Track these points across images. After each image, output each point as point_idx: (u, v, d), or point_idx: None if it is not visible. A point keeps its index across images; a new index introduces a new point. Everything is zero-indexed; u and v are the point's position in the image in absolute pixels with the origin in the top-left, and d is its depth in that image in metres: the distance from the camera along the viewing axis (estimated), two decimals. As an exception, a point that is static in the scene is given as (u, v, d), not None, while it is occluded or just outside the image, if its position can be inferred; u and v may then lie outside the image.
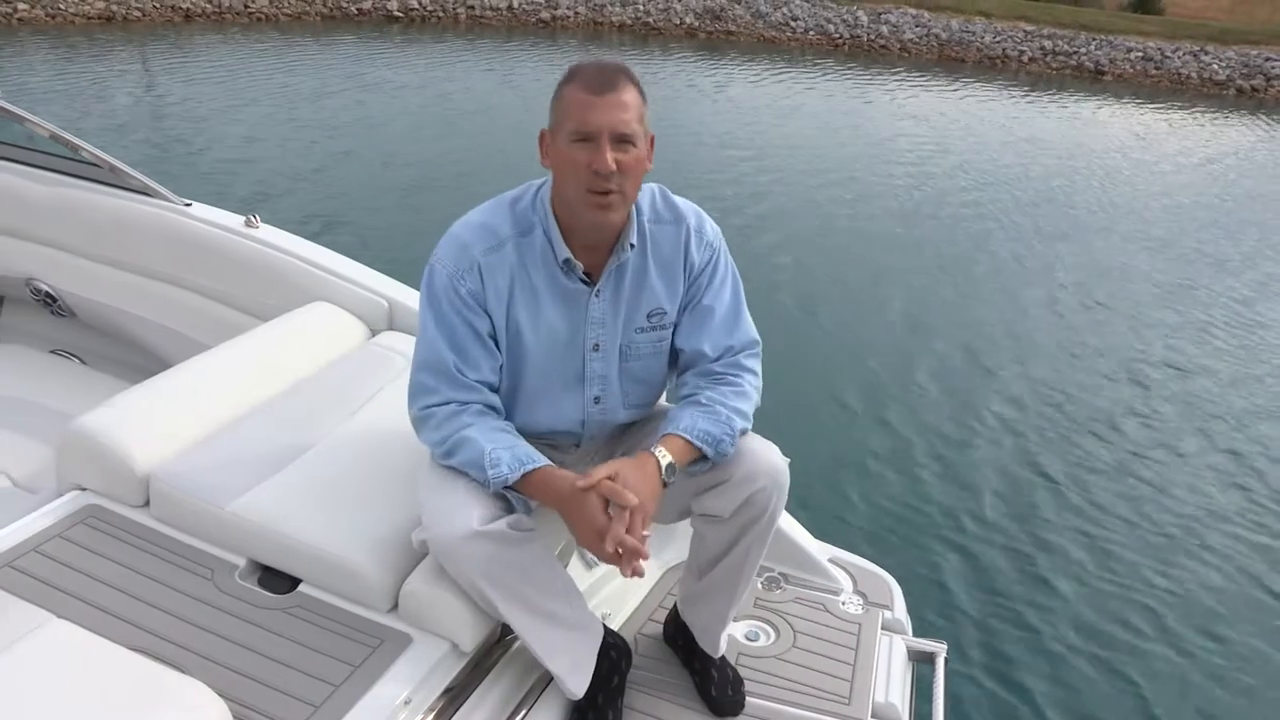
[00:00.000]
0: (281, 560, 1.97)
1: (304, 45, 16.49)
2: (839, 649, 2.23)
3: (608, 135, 1.66)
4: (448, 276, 1.78)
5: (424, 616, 1.86)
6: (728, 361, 1.90)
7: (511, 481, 1.72)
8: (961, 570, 4.14)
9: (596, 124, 1.66)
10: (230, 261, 3.01)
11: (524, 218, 1.82)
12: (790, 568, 2.48)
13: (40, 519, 2.05)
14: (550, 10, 21.76)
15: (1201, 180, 12.74)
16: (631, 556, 1.65)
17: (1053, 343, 6.78)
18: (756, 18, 22.86)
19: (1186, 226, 10.32)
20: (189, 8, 18.09)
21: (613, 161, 1.66)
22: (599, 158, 1.65)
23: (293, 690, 1.71)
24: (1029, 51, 22.19)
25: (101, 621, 1.79)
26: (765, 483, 1.81)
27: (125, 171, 3.09)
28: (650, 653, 2.15)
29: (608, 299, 1.86)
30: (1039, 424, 5.53)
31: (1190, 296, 8.08)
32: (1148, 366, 6.52)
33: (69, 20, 16.66)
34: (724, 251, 1.93)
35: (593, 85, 1.67)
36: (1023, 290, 7.86)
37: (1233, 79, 21.14)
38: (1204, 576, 4.29)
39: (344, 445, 2.21)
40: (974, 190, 10.85)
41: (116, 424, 2.14)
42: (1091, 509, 4.72)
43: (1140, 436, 5.52)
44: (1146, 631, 3.89)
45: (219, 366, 2.45)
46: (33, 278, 3.29)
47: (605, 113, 1.66)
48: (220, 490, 2.02)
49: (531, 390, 1.90)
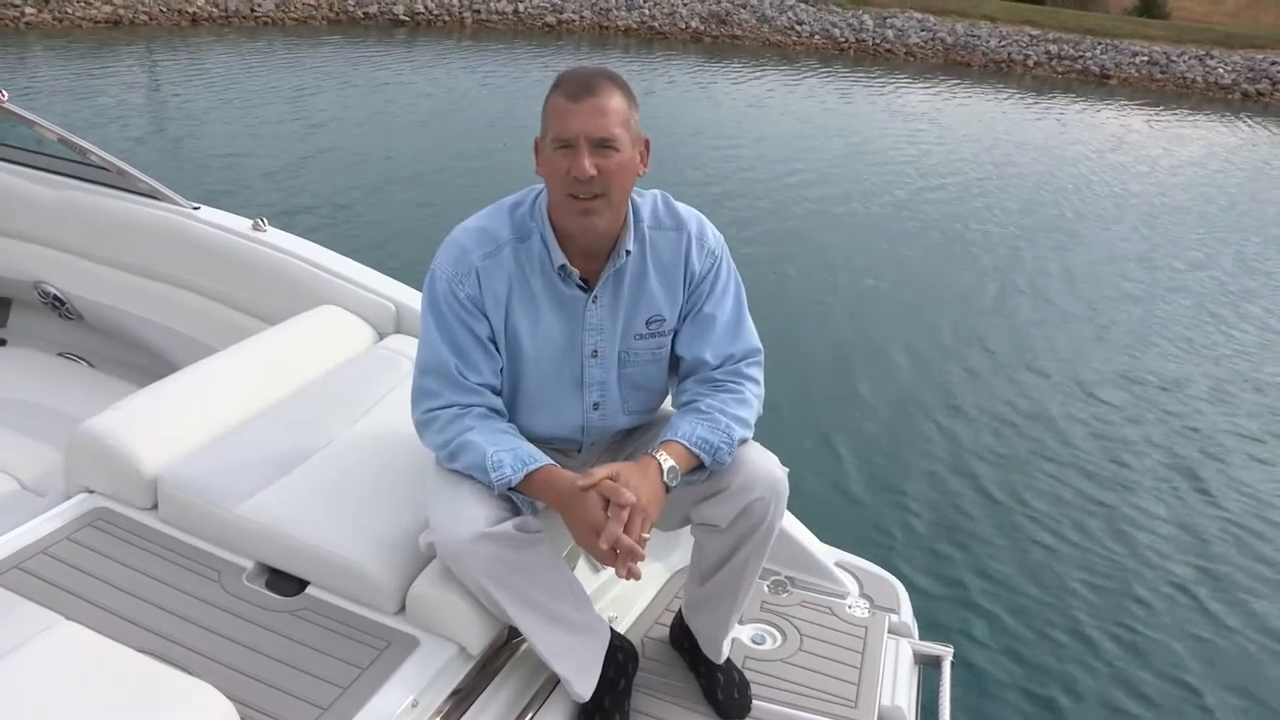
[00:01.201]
0: (289, 563, 1.97)
1: (310, 50, 16.53)
2: (845, 652, 2.23)
3: (585, 141, 1.67)
4: (447, 281, 1.80)
5: (431, 619, 1.86)
6: (729, 369, 1.89)
7: (515, 483, 1.73)
8: (968, 574, 4.13)
9: (574, 130, 1.67)
10: (238, 265, 3.02)
11: (522, 223, 1.83)
12: (796, 571, 2.47)
13: (48, 521, 2.06)
14: (556, 15, 21.80)
15: (1208, 181, 12.73)
16: (627, 556, 1.65)
17: (1060, 347, 6.77)
18: (762, 22, 22.88)
19: (1199, 227, 10.31)
20: (195, 12, 18.14)
21: (591, 167, 1.67)
22: (576, 163, 1.67)
23: (300, 692, 1.72)
24: (1034, 56, 22.19)
25: (109, 623, 1.80)
26: (763, 492, 1.81)
27: (133, 175, 3.10)
28: (656, 656, 2.15)
29: (606, 305, 1.86)
30: (1047, 428, 5.52)
31: (1200, 296, 8.07)
32: (1158, 370, 6.50)
33: (76, 24, 16.71)
34: (726, 259, 1.93)
35: (571, 92, 1.69)
36: (1028, 293, 7.85)
37: (1238, 83, 21.12)
38: (1215, 583, 4.28)
39: (351, 448, 2.22)
40: (980, 196, 10.84)
41: (125, 427, 2.15)
42: (1099, 512, 4.71)
43: (1151, 440, 5.50)
44: (1155, 636, 3.88)
45: (227, 370, 2.46)
46: (41, 281, 3.30)
47: (583, 119, 1.67)
48: (228, 493, 2.03)
49: (531, 395, 1.91)
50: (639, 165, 1.77)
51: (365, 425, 2.31)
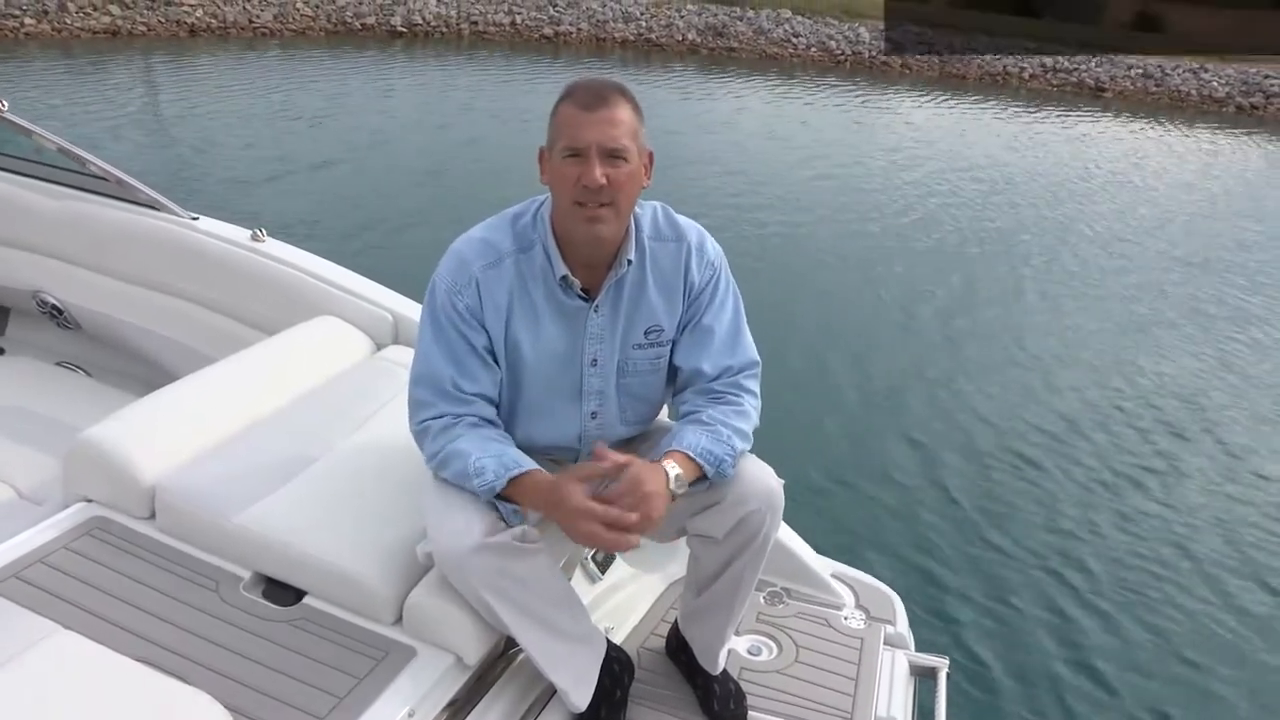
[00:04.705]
0: (286, 572, 1.98)
1: (308, 60, 16.56)
2: (841, 664, 2.23)
3: (597, 150, 1.68)
4: (446, 292, 1.81)
5: (428, 629, 1.87)
6: (727, 381, 1.90)
7: (500, 489, 1.73)
8: (964, 585, 4.14)
9: (586, 139, 1.68)
10: (236, 275, 3.03)
11: (525, 234, 1.84)
12: (793, 582, 2.48)
13: (46, 530, 2.07)
14: (553, 26, 21.84)
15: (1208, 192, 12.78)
16: (619, 522, 1.63)
17: (1056, 360, 6.79)
18: (758, 34, 22.92)
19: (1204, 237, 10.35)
20: (194, 23, 18.15)
21: (602, 176, 1.68)
22: (588, 172, 1.68)
23: (297, 702, 1.72)
24: (1030, 68, 22.26)
25: (107, 632, 1.80)
26: (758, 505, 1.82)
27: (133, 185, 3.11)
28: (653, 666, 2.16)
29: (606, 314, 1.87)
30: (1042, 440, 5.53)
31: (1205, 306, 8.10)
32: (1161, 383, 6.52)
33: (74, 35, 16.72)
34: (725, 271, 1.94)
35: (584, 102, 1.70)
36: (1024, 305, 7.87)
37: (1232, 96, 21.20)
38: (1215, 595, 4.28)
39: (349, 458, 2.22)
40: (975, 206, 10.87)
41: (123, 436, 2.15)
42: (1096, 524, 4.72)
43: (1145, 453, 5.52)
44: (1154, 650, 3.89)
45: (225, 379, 2.47)
46: (40, 290, 3.31)
47: (595, 129, 1.69)
48: (226, 502, 2.03)
49: (530, 405, 1.91)
50: (644, 177, 1.79)
51: (362, 436, 2.32)
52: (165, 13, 17.94)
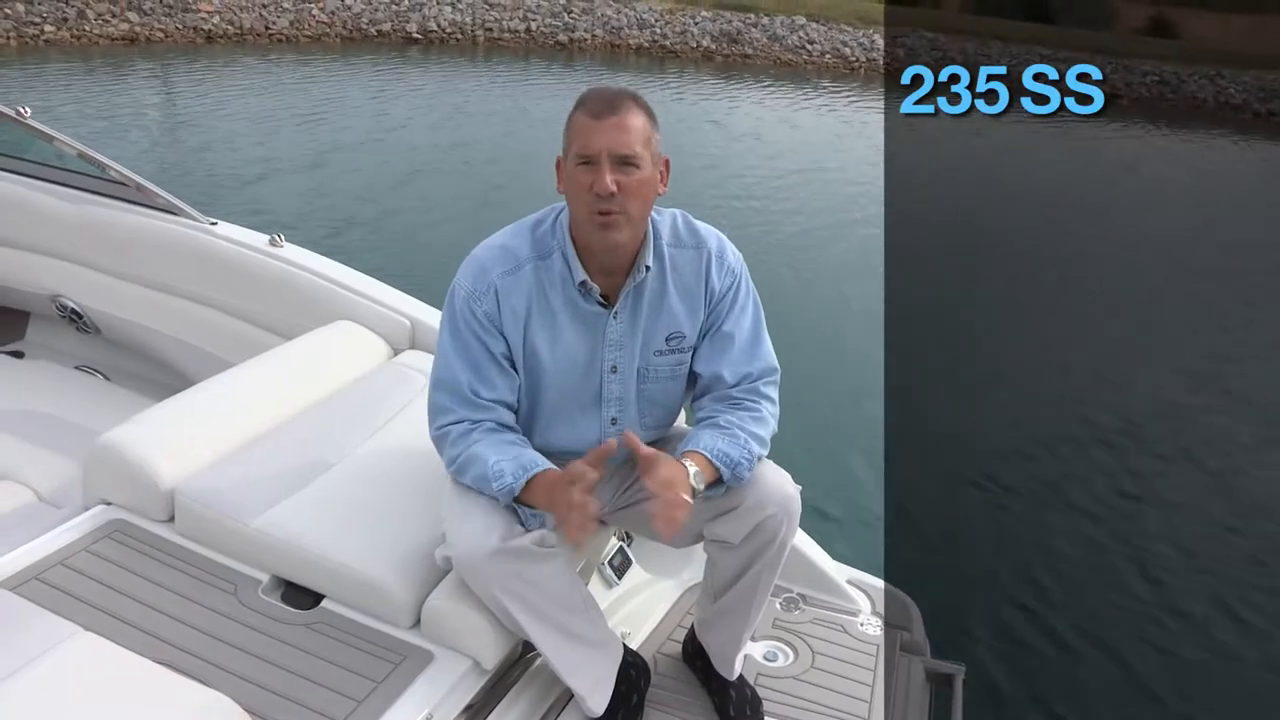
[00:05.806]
0: (305, 576, 1.98)
1: (324, 66, 16.66)
2: (858, 670, 2.22)
3: (607, 157, 1.69)
4: (465, 298, 1.81)
5: (446, 633, 1.87)
6: (746, 388, 1.90)
7: (518, 490, 1.73)
8: (981, 592, 4.12)
9: (597, 146, 1.70)
10: (254, 280, 3.04)
11: (543, 241, 1.84)
12: (809, 588, 2.47)
13: (66, 533, 2.08)
14: (568, 33, 21.89)
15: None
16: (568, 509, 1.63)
17: (1079, 369, 6.75)
18: (773, 40, 22.93)
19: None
20: (210, 29, 18.28)
21: (612, 183, 1.69)
22: (598, 179, 1.69)
23: (315, 705, 1.73)
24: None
25: (127, 634, 1.81)
26: (775, 510, 1.81)
27: (152, 190, 3.13)
28: (669, 672, 2.15)
29: (625, 321, 1.87)
30: (1058, 445, 5.50)
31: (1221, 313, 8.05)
32: (1177, 388, 6.47)
33: (93, 41, 16.86)
34: (745, 277, 1.94)
35: (595, 110, 1.72)
36: (1042, 311, 7.83)
37: (1249, 103, 21.08)
38: (1229, 602, 4.25)
39: (367, 463, 2.23)
40: (996, 215, 10.83)
41: (142, 440, 2.16)
42: (1112, 531, 4.69)
43: (1164, 462, 5.48)
44: (1174, 657, 3.86)
45: (243, 384, 2.48)
46: (59, 294, 3.33)
47: (605, 135, 1.70)
48: (244, 506, 2.04)
49: (549, 411, 1.92)
50: (659, 184, 1.79)
51: (380, 440, 2.32)
52: (182, 19, 18.08)
